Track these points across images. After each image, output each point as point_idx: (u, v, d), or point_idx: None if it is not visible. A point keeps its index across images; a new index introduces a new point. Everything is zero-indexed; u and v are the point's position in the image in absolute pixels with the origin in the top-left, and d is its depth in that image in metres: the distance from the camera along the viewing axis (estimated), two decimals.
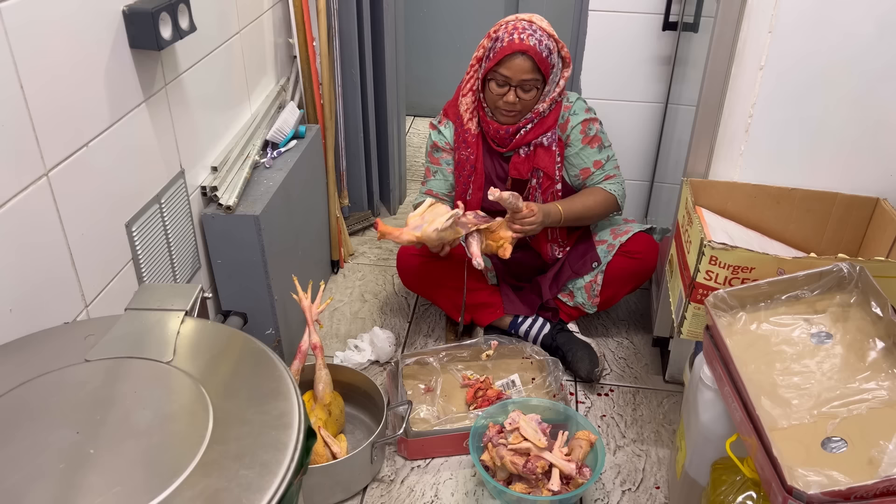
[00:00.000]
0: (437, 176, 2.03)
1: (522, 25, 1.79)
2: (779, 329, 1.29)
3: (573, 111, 1.93)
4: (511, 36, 1.78)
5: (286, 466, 0.87)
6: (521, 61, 1.78)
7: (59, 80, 1.20)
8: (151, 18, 1.35)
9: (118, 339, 1.07)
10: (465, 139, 1.95)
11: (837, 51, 1.49)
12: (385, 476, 1.71)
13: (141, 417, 0.94)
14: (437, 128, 2.01)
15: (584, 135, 1.94)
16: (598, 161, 1.96)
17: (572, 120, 1.93)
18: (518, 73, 1.79)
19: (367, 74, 2.46)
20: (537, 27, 1.80)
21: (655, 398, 1.95)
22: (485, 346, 1.99)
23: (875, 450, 1.06)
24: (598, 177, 1.97)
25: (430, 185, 2.03)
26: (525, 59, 1.77)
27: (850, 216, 1.62)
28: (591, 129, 1.94)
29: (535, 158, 1.93)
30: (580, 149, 1.95)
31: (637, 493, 1.67)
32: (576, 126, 1.93)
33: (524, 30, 1.78)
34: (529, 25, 1.79)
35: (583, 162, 1.96)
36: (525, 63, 1.78)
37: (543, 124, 1.91)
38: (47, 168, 1.19)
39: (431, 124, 2.03)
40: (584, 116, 1.94)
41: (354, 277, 2.46)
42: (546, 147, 1.92)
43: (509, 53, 1.77)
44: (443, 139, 2.00)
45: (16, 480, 0.84)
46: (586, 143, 1.95)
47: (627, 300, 2.30)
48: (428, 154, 2.04)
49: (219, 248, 1.77)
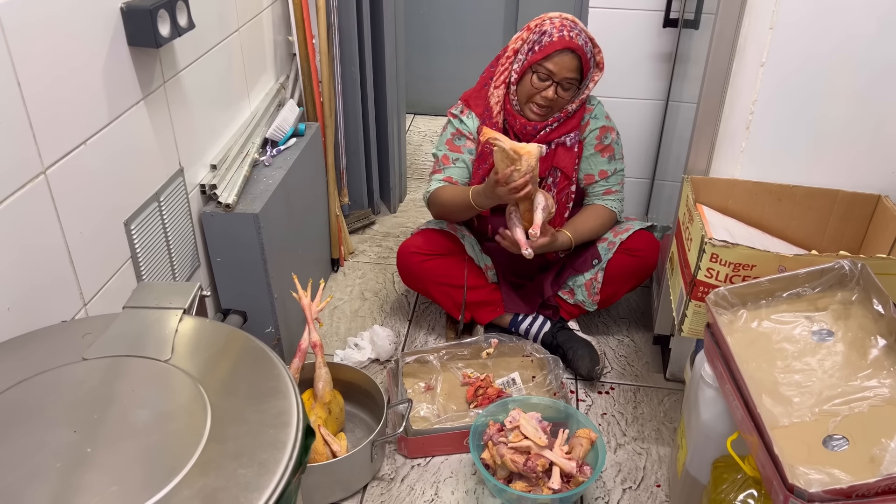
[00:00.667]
0: (458, 164, 1.97)
1: (569, 24, 1.80)
2: (780, 327, 1.28)
3: (594, 115, 1.94)
4: (560, 32, 1.78)
5: (284, 465, 0.87)
6: (568, 59, 1.78)
7: (57, 77, 1.20)
8: (150, 16, 1.34)
9: (116, 338, 1.07)
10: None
11: (839, 47, 1.48)
12: (385, 474, 1.71)
13: (139, 416, 0.93)
14: (459, 116, 1.97)
15: (598, 141, 1.94)
16: (605, 171, 1.97)
17: (592, 124, 1.94)
18: (563, 70, 1.80)
19: (366, 72, 2.46)
20: (581, 28, 1.81)
21: (656, 396, 1.94)
22: (485, 345, 1.99)
23: (877, 448, 1.05)
24: (600, 188, 1.98)
25: (450, 173, 1.97)
26: (573, 57, 1.78)
27: (851, 213, 1.61)
28: (607, 137, 1.95)
29: (554, 157, 1.93)
30: (590, 154, 1.96)
31: (638, 492, 1.67)
32: (594, 130, 1.94)
33: (572, 28, 1.79)
34: (575, 25, 1.81)
35: (589, 168, 1.97)
36: (572, 61, 1.79)
37: (568, 124, 1.91)
38: (45, 166, 1.18)
39: (451, 112, 1.99)
40: (604, 123, 1.95)
41: (354, 276, 2.46)
42: (568, 147, 1.92)
43: (559, 49, 1.77)
44: (466, 128, 1.96)
45: (13, 479, 0.83)
46: (598, 150, 1.95)
47: (628, 298, 2.29)
48: (447, 142, 1.99)
49: (218, 247, 1.76)
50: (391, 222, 2.79)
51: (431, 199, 1.97)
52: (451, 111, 2.00)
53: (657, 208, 2.38)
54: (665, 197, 2.29)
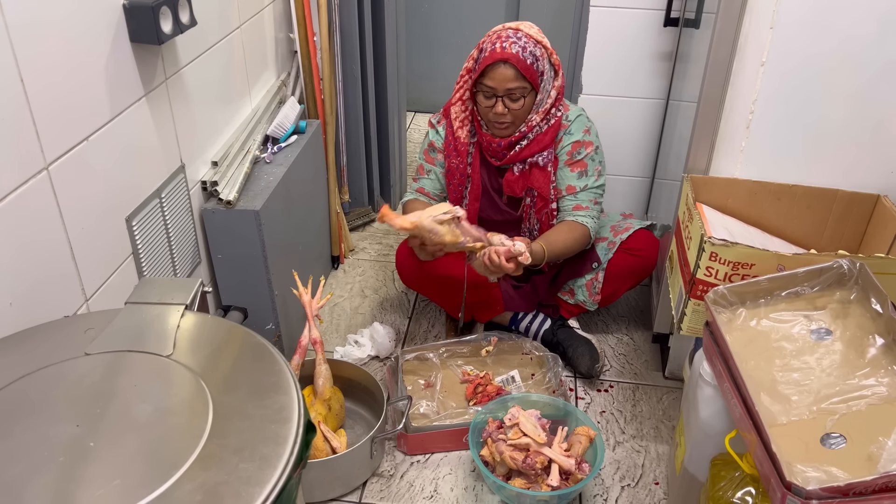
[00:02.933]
0: (430, 176, 2.00)
1: (507, 34, 1.75)
2: (778, 325, 1.29)
3: (569, 131, 1.88)
4: (494, 45, 1.74)
5: (286, 460, 0.87)
6: (503, 70, 1.73)
7: (60, 73, 1.20)
8: (152, 12, 1.35)
9: (118, 333, 1.07)
10: (455, 147, 1.92)
11: (839, 47, 1.48)
12: (385, 471, 1.71)
13: (141, 411, 0.94)
14: (436, 127, 1.97)
15: (569, 156, 1.88)
16: (573, 187, 1.89)
17: (565, 140, 1.88)
18: (502, 83, 1.74)
19: (367, 70, 2.46)
20: (523, 34, 1.75)
21: (655, 394, 1.95)
22: (485, 342, 1.99)
23: (874, 446, 1.06)
24: (568, 203, 1.90)
25: (423, 184, 2.00)
26: (507, 67, 1.72)
27: (850, 213, 1.62)
28: (579, 153, 1.87)
29: (529, 177, 1.88)
30: (560, 168, 1.90)
31: (636, 489, 1.67)
32: (566, 146, 1.88)
33: (507, 38, 1.74)
34: (514, 33, 1.75)
35: (559, 181, 1.90)
36: (507, 71, 1.73)
37: (540, 142, 1.86)
38: (47, 162, 1.19)
39: (430, 122, 2.00)
40: (579, 138, 1.87)
41: (355, 273, 2.46)
42: (541, 167, 1.87)
43: (490, 63, 1.73)
44: (439, 140, 1.96)
45: (16, 473, 0.84)
46: (567, 165, 1.89)
47: (628, 296, 2.30)
48: (424, 152, 2.01)
49: (219, 243, 1.77)
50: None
51: (403, 208, 1.99)
52: (431, 120, 1.99)
53: (657, 207, 2.38)
54: (665, 196, 2.30)
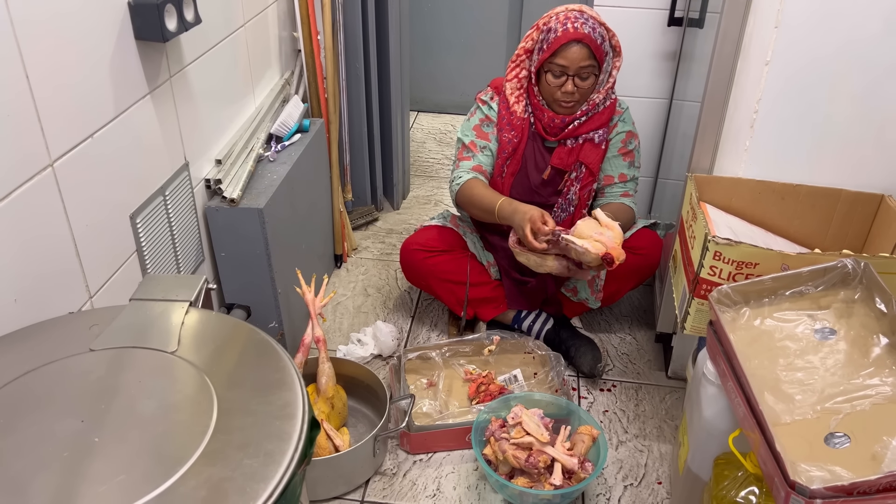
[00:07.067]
0: (486, 152, 1.96)
1: (574, 15, 1.78)
2: (782, 325, 1.29)
3: (623, 118, 1.94)
4: (564, 25, 1.77)
5: (290, 456, 0.87)
6: (577, 49, 1.77)
7: (65, 71, 1.20)
8: (157, 10, 1.35)
9: (123, 329, 1.07)
10: (510, 122, 1.92)
11: (844, 46, 1.48)
12: (387, 469, 1.71)
13: (145, 407, 0.94)
14: (488, 102, 1.96)
15: (623, 145, 1.95)
16: (624, 175, 1.97)
17: (620, 126, 1.94)
18: (575, 62, 1.78)
19: (371, 69, 2.46)
20: (588, 15, 1.79)
21: (658, 394, 1.95)
22: (487, 341, 1.99)
23: (878, 445, 1.06)
24: (618, 189, 1.98)
25: (480, 161, 1.95)
26: (581, 47, 1.77)
27: (854, 212, 1.62)
28: (631, 142, 1.96)
29: (580, 151, 1.91)
30: (613, 156, 1.96)
31: (639, 489, 1.67)
32: (620, 133, 1.94)
33: (576, 19, 1.77)
34: (581, 14, 1.79)
35: (610, 169, 1.97)
36: (582, 51, 1.77)
37: (597, 119, 1.90)
38: (52, 159, 1.19)
39: (480, 98, 1.98)
40: (630, 128, 1.96)
41: (357, 272, 2.46)
42: (596, 144, 1.91)
43: (565, 43, 1.76)
44: (494, 114, 1.95)
45: (20, 468, 0.84)
46: (621, 154, 1.96)
47: (631, 296, 2.30)
48: (475, 128, 1.97)
49: (222, 241, 1.77)
50: (394, 219, 2.79)
51: (461, 190, 1.93)
52: (480, 97, 1.99)
53: (660, 206, 2.38)
54: (668, 195, 2.30)
